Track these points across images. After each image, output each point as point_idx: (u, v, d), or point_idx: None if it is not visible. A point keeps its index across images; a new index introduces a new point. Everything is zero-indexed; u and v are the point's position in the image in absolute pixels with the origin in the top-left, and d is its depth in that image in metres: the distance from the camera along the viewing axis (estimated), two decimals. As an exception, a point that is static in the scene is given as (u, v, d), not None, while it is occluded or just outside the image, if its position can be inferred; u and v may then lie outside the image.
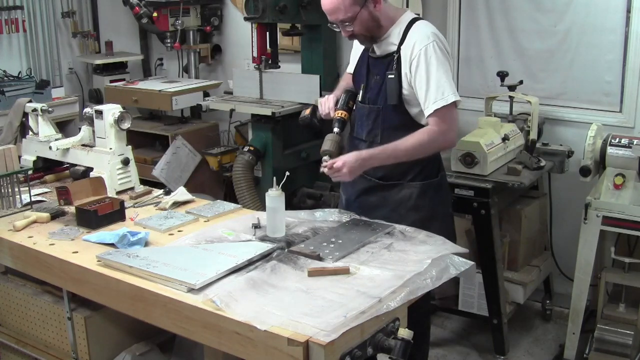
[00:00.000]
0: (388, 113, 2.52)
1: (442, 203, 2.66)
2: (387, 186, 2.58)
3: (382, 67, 2.53)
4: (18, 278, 2.60)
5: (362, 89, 2.61)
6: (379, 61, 2.56)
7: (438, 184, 2.63)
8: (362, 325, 1.72)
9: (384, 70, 2.51)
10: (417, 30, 2.46)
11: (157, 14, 4.66)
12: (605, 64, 3.58)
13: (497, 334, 3.39)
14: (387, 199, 2.57)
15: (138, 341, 2.46)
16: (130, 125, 2.87)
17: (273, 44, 3.97)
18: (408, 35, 2.47)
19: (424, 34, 2.44)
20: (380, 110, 2.54)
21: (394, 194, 2.56)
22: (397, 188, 2.56)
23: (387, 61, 2.51)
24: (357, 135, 2.66)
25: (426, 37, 2.42)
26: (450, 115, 2.44)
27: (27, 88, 4.67)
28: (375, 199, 2.59)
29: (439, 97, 2.39)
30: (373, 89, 2.57)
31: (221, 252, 2.12)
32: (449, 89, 2.40)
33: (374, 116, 2.56)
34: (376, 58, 2.58)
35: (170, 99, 4.46)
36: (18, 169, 2.74)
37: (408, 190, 2.54)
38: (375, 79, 2.57)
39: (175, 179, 4.34)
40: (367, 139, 2.59)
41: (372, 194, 2.61)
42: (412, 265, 2.04)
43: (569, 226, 3.68)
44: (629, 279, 3.22)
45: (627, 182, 3.13)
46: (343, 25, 2.48)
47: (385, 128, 2.53)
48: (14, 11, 4.98)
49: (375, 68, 2.57)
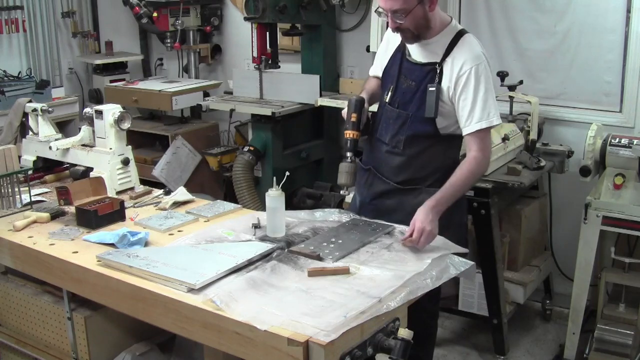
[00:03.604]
0: (416, 121, 2.47)
1: (458, 211, 2.58)
2: (405, 190, 2.54)
3: (421, 74, 2.46)
4: (18, 278, 2.60)
5: (391, 90, 2.55)
6: (417, 67, 2.49)
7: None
8: (362, 325, 1.72)
9: (422, 78, 2.45)
10: (467, 47, 2.41)
11: (157, 14, 4.66)
12: (605, 64, 3.58)
13: (497, 334, 3.39)
14: (404, 203, 2.52)
15: (138, 341, 2.46)
16: (130, 125, 2.87)
17: (273, 44, 3.98)
18: (456, 49, 2.41)
19: (474, 53, 2.40)
20: (409, 117, 2.48)
21: (411, 199, 2.51)
22: (415, 193, 2.51)
23: (428, 70, 2.45)
24: (379, 136, 2.59)
25: (477, 57, 2.39)
26: (489, 138, 2.45)
27: (27, 88, 4.67)
28: (392, 203, 2.55)
29: (484, 118, 2.37)
30: (405, 93, 2.50)
31: (221, 252, 2.12)
32: (494, 111, 2.39)
33: (401, 122, 2.50)
34: (414, 63, 2.50)
35: (170, 99, 4.47)
36: (18, 169, 2.74)
37: (426, 196, 2.44)
38: (409, 84, 2.49)
39: (175, 179, 4.35)
40: (389, 143, 2.54)
41: (389, 198, 2.57)
42: (412, 265, 2.04)
43: (569, 226, 3.68)
44: (629, 279, 3.21)
45: (627, 182, 3.13)
46: (395, 15, 2.36)
47: (409, 136, 2.49)
48: (14, 11, 4.98)
49: (411, 73, 2.50)
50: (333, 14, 4.24)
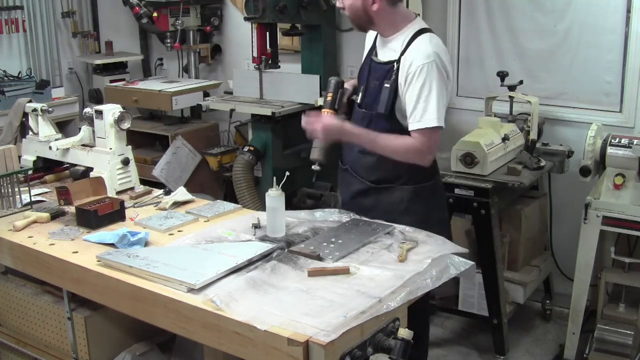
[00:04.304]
0: (380, 121, 2.50)
1: (437, 207, 2.64)
2: (380, 189, 2.57)
3: (382, 73, 2.51)
4: (18, 278, 2.60)
5: (362, 91, 2.59)
6: (380, 67, 2.53)
7: (432, 187, 2.60)
8: (362, 325, 1.72)
9: (383, 77, 2.49)
10: (420, 45, 2.42)
11: (157, 14, 4.66)
12: (605, 64, 3.58)
13: (497, 334, 3.39)
14: (380, 202, 2.56)
15: (138, 341, 2.46)
16: (130, 125, 2.87)
17: (273, 44, 3.97)
18: (410, 47, 2.43)
19: (425, 52, 2.39)
20: (373, 116, 2.53)
21: (386, 197, 2.55)
22: (389, 191, 2.55)
23: (387, 68, 2.49)
24: None
25: (427, 56, 2.38)
26: (431, 138, 2.42)
27: (27, 88, 4.67)
28: (369, 201, 2.58)
29: (423, 119, 2.38)
30: (371, 94, 2.55)
31: (221, 252, 2.12)
32: (434, 113, 2.38)
33: (367, 122, 2.54)
34: (378, 63, 2.55)
35: (170, 99, 4.46)
36: (18, 169, 2.74)
37: (400, 194, 2.52)
38: (375, 84, 2.54)
39: (175, 179, 4.34)
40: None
41: (366, 197, 2.60)
42: (412, 265, 2.04)
43: (569, 226, 3.68)
44: (629, 279, 3.21)
45: (627, 182, 3.13)
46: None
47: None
48: (14, 11, 4.97)
49: (375, 73, 2.55)
50: (333, 14, 4.24)
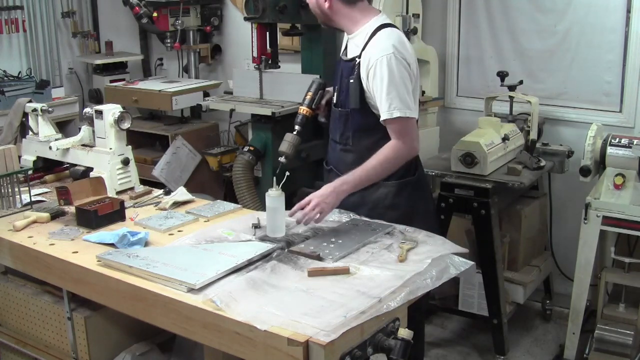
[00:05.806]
0: (356, 116, 2.55)
1: (422, 200, 2.69)
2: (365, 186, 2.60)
3: (348, 70, 2.55)
4: (18, 278, 2.60)
5: (336, 91, 2.64)
6: (346, 64, 2.58)
7: (416, 182, 2.65)
8: (362, 325, 1.72)
9: (349, 73, 2.54)
10: (378, 40, 2.46)
11: (157, 14, 4.65)
12: (605, 64, 3.58)
13: (497, 334, 3.39)
14: (365, 199, 2.59)
15: (138, 341, 2.46)
16: (130, 125, 2.87)
17: (273, 44, 3.97)
18: (369, 42, 2.48)
19: (383, 45, 2.43)
20: (348, 113, 2.57)
21: (371, 193, 2.58)
22: (373, 187, 2.57)
23: (352, 65, 2.54)
24: (333, 137, 2.71)
25: (384, 49, 2.42)
26: (407, 126, 2.46)
27: (27, 88, 4.67)
28: (355, 199, 2.59)
29: (390, 109, 2.42)
30: (343, 92, 2.59)
31: (221, 252, 2.12)
32: (399, 103, 2.41)
33: (344, 119, 2.59)
34: (345, 61, 2.61)
35: (170, 99, 4.46)
36: (18, 169, 2.74)
37: (384, 190, 2.57)
38: (344, 81, 2.58)
39: (175, 179, 4.34)
40: (340, 141, 2.64)
41: (352, 194, 2.59)
42: (412, 265, 2.04)
43: (569, 226, 3.68)
44: (629, 279, 3.21)
45: (627, 182, 3.13)
46: None
47: (356, 130, 2.57)
48: (14, 11, 4.97)
49: (344, 71, 2.60)
50: (333, 14, 4.23)
